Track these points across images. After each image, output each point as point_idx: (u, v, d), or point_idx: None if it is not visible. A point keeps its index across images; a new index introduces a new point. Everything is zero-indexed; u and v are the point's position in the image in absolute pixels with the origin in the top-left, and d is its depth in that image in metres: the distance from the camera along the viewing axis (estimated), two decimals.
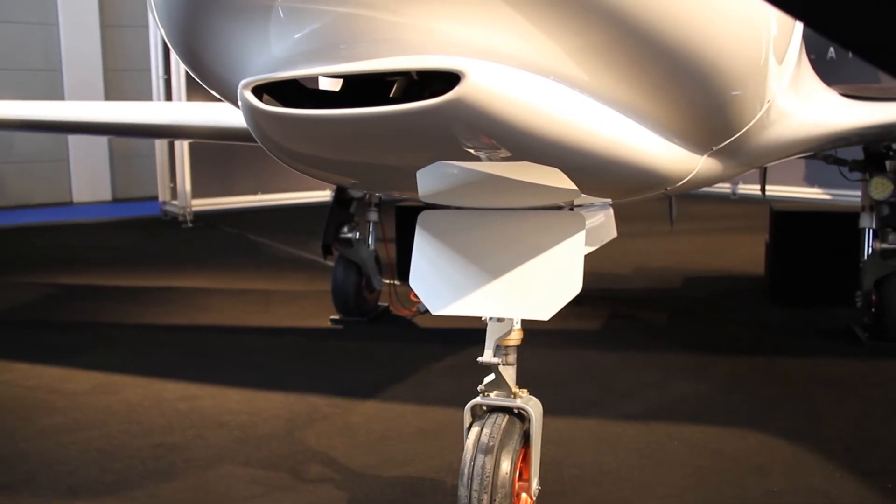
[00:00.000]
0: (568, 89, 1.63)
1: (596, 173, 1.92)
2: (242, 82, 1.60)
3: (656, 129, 2.00)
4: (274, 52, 1.55)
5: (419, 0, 1.41)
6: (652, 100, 1.85)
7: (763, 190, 7.27)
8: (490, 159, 1.71)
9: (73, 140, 13.31)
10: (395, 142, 1.68)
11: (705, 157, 2.48)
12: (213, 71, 1.77)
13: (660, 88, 1.83)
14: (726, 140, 2.44)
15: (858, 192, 5.65)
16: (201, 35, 1.63)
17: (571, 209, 2.44)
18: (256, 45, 1.56)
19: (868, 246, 5.38)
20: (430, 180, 1.89)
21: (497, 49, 1.50)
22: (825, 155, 5.60)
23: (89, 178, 13.78)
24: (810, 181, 12.36)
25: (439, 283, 2.37)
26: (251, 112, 1.62)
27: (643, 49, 1.63)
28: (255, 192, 12.16)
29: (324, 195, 12.55)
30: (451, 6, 1.42)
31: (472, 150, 1.66)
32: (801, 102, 3.23)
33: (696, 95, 1.97)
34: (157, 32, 11.40)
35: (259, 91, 1.63)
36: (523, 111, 1.54)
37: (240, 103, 1.64)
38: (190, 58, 1.78)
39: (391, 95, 1.79)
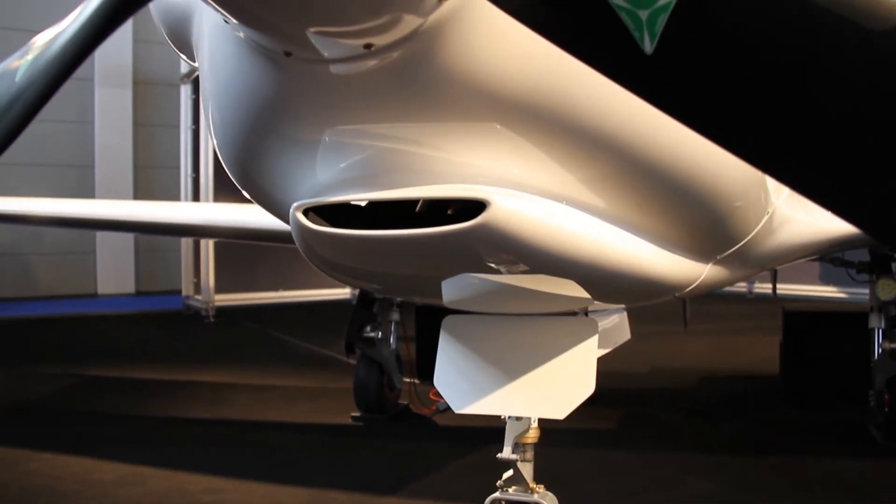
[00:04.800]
0: (579, 213, 1.83)
1: (607, 284, 2.10)
2: (294, 205, 1.82)
3: (662, 244, 2.17)
4: (320, 179, 1.77)
5: (449, 138, 1.63)
6: (657, 218, 2.03)
7: (774, 290, 7.40)
8: (510, 272, 1.90)
9: (101, 233, 13.65)
10: (424, 257, 1.88)
11: (710, 265, 2.64)
12: (263, 191, 1.99)
13: (664, 208, 2.01)
14: (730, 249, 2.61)
15: None
16: (255, 161, 1.85)
17: (585, 314, 2.61)
18: (305, 172, 1.78)
19: (878, 346, 5.45)
20: (454, 289, 2.08)
21: (516, 179, 1.71)
22: (832, 257, 5.74)
23: (114, 271, 14.07)
24: (825, 280, 12.41)
25: (462, 384, 2.52)
26: (300, 231, 1.83)
27: (646, 176, 1.83)
28: (276, 289, 12.33)
29: (343, 293, 12.74)
30: (477, 144, 1.64)
31: (493, 265, 1.85)
32: (803, 208, 3.36)
33: (699, 212, 2.14)
34: (187, 133, 11.85)
35: (305, 210, 1.84)
36: (540, 233, 1.74)
37: (291, 223, 1.85)
38: (242, 178, 2.00)
39: (416, 210, 2.00)
